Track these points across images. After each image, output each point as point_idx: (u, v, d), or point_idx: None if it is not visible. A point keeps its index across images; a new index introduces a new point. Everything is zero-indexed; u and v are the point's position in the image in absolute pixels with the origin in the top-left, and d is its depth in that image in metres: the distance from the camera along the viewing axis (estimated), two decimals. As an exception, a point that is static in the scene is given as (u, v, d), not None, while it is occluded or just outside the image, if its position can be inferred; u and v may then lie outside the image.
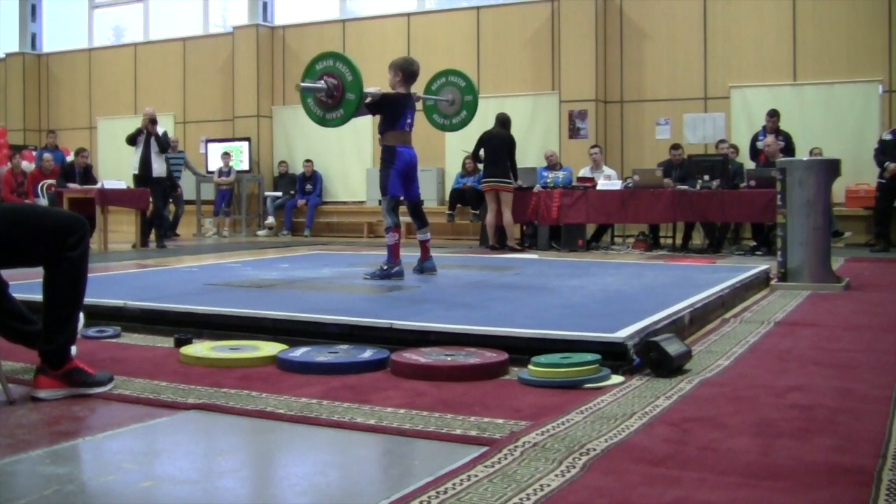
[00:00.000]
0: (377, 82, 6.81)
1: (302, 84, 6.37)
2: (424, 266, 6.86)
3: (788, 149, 11.06)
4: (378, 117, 6.75)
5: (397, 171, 6.56)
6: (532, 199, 11.47)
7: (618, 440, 2.59)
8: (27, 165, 13.79)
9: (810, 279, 6.71)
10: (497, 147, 11.28)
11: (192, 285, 6.20)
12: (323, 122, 6.50)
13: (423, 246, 6.92)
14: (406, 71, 6.66)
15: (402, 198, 6.69)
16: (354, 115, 6.46)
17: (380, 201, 6.79)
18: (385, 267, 6.51)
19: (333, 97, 6.32)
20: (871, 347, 4.25)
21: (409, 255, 6.95)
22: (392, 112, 6.61)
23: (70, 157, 13.71)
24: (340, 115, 6.37)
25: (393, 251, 6.55)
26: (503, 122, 11.45)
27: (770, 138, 11.04)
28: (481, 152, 11.51)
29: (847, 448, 2.52)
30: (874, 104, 12.37)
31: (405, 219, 7.36)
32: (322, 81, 6.32)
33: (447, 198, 14.15)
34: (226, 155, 15.90)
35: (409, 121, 6.69)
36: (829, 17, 12.73)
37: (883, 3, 12.45)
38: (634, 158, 13.62)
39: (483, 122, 11.58)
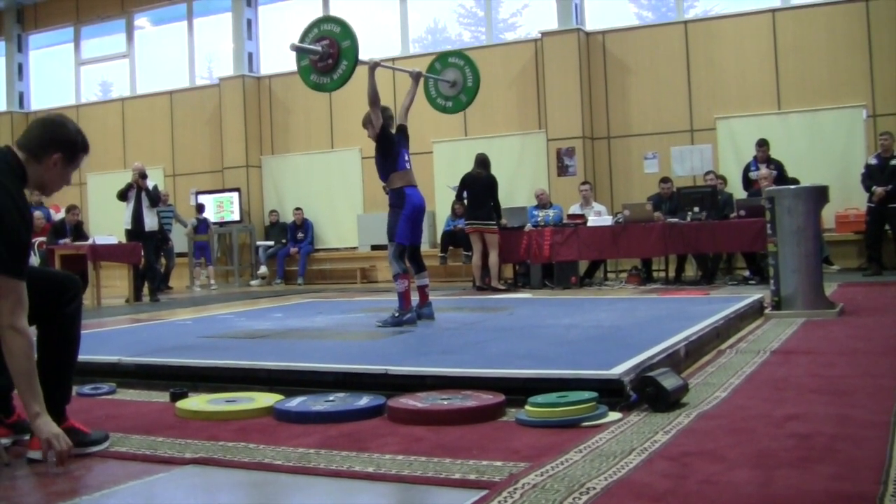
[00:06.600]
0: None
1: (296, 44, 6.39)
2: (422, 313, 6.80)
3: (781, 177, 11.08)
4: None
5: (406, 217, 6.60)
6: (523, 239, 11.50)
7: (617, 477, 2.58)
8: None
9: (804, 306, 6.72)
10: (479, 189, 11.34)
11: (186, 338, 6.18)
12: (324, 87, 6.57)
13: (422, 292, 6.90)
14: (385, 114, 6.72)
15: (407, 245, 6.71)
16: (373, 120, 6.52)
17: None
18: (397, 314, 6.50)
19: (331, 56, 6.36)
20: (868, 372, 4.24)
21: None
22: (389, 146, 6.65)
23: (60, 214, 13.71)
24: (345, 66, 6.38)
25: (404, 298, 6.54)
26: (482, 162, 11.46)
27: (765, 171, 11.08)
28: (464, 194, 11.55)
29: (847, 475, 2.51)
30: (859, 129, 12.46)
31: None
32: (317, 45, 6.36)
33: (439, 240, 14.18)
34: (201, 206, 15.95)
35: (406, 158, 6.75)
36: (810, 45, 12.87)
37: (862, 28, 12.59)
38: (624, 193, 13.68)
39: (469, 162, 11.64)
